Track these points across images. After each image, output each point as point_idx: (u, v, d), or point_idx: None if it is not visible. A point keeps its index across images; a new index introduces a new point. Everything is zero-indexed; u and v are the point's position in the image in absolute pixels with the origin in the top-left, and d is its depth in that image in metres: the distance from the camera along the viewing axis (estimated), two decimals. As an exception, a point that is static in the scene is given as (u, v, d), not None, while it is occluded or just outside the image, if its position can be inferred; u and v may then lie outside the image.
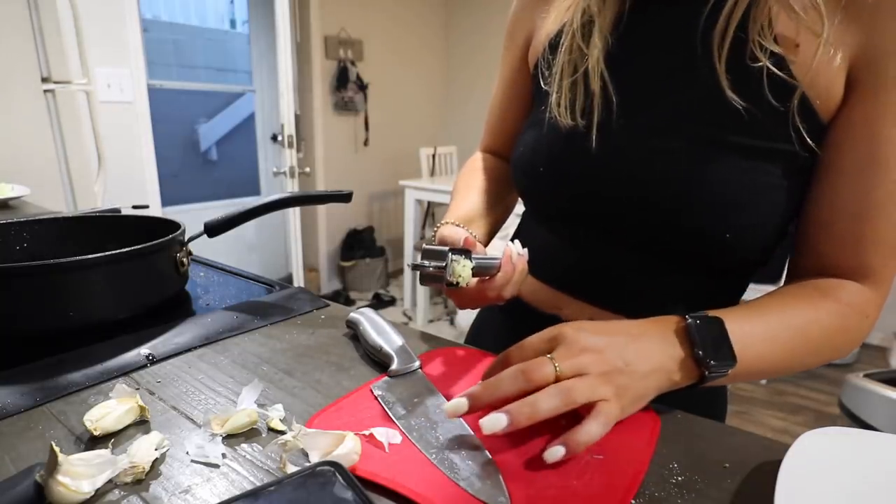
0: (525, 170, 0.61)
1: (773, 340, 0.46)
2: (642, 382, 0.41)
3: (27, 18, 1.55)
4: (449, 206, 0.67)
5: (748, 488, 0.36)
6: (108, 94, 2.25)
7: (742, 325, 0.45)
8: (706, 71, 0.48)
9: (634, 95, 0.53)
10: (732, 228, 0.49)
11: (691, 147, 0.49)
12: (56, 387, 0.46)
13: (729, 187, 0.48)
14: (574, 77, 0.55)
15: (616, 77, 0.53)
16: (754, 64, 0.46)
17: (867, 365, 2.77)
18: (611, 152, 0.53)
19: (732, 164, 0.48)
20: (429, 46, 4.09)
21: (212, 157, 3.86)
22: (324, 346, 0.56)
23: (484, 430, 0.37)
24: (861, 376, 1.70)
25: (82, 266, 0.53)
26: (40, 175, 1.62)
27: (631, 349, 0.42)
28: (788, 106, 0.46)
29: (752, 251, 0.51)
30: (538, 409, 0.37)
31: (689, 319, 0.44)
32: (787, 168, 0.48)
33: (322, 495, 0.31)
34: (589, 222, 0.57)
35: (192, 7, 3.76)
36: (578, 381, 0.39)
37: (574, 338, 0.41)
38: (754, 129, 0.47)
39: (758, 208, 0.49)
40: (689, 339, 0.43)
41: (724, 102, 0.47)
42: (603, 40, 0.54)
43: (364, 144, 3.75)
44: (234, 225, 0.67)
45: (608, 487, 0.35)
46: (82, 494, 0.32)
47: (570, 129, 0.55)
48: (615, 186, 0.53)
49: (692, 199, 0.49)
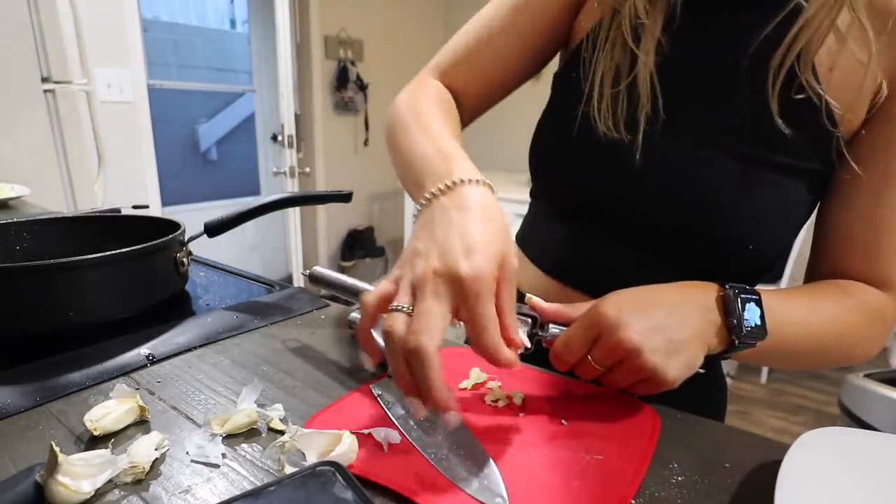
0: (552, 166, 0.58)
1: (804, 324, 0.48)
2: (686, 351, 0.43)
3: (27, 18, 1.55)
4: (428, 136, 0.49)
5: (748, 488, 0.36)
6: (108, 94, 2.24)
7: (776, 304, 0.47)
8: (758, 92, 0.48)
9: (682, 107, 0.51)
10: (756, 241, 0.51)
11: (736, 165, 0.49)
12: (56, 387, 0.46)
13: (767, 205, 0.50)
14: (619, 86, 0.51)
15: (666, 87, 0.50)
16: (798, 96, 0.47)
17: (867, 365, 2.76)
18: (653, 165, 0.51)
19: (774, 182, 0.49)
20: (429, 46, 4.09)
21: (212, 157, 3.86)
22: (324, 346, 0.56)
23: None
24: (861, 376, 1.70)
25: (82, 266, 0.53)
26: (40, 175, 1.62)
27: (672, 320, 0.43)
28: (827, 130, 0.47)
29: (768, 260, 0.53)
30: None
31: (728, 288, 0.45)
32: (812, 184, 0.51)
33: (322, 495, 0.31)
34: (612, 223, 0.56)
35: (192, 7, 3.76)
36: (623, 372, 0.43)
37: (613, 326, 0.42)
38: (797, 151, 0.49)
39: (785, 223, 0.51)
40: (726, 308, 0.45)
41: (771, 124, 0.48)
42: (655, 45, 0.50)
43: (364, 144, 3.75)
44: (234, 225, 0.67)
45: (608, 487, 0.35)
46: (82, 494, 0.32)
47: (610, 135, 0.53)
48: (653, 198, 0.52)
49: (732, 217, 0.50)
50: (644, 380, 0.43)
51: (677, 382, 0.43)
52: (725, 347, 0.45)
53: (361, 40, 3.55)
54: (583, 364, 0.44)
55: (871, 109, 0.48)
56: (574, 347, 0.44)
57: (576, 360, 0.44)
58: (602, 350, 0.42)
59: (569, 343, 0.44)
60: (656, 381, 0.42)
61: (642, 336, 0.41)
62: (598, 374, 0.44)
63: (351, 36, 3.47)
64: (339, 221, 3.72)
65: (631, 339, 0.41)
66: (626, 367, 0.42)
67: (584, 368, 0.44)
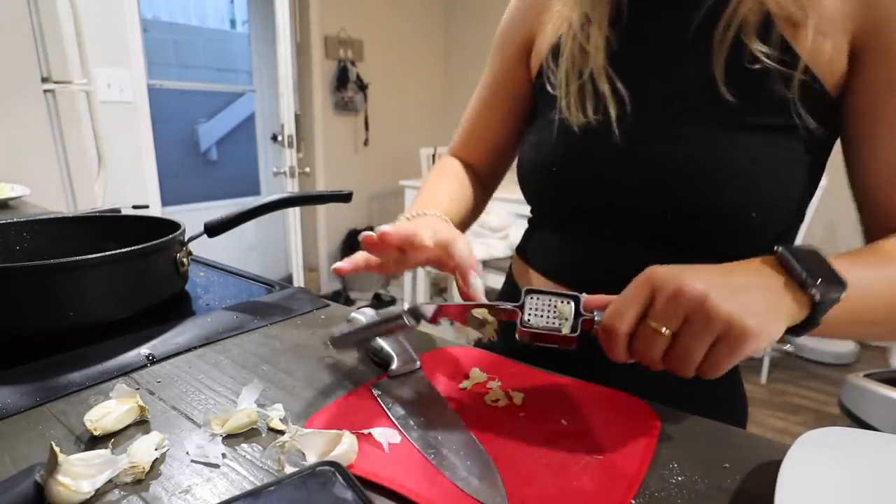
0: (536, 172, 0.61)
1: (879, 269, 0.43)
2: (756, 306, 0.36)
3: (27, 18, 1.55)
4: (418, 198, 0.64)
5: (748, 488, 0.36)
6: (108, 94, 2.25)
7: (840, 257, 0.41)
8: (706, 64, 0.50)
9: (645, 88, 0.54)
10: (756, 206, 0.50)
11: (710, 130, 0.51)
12: (56, 387, 0.46)
13: (750, 162, 0.50)
14: (581, 80, 0.56)
15: (622, 73, 0.54)
16: (752, 66, 0.48)
17: (867, 365, 2.76)
18: (632, 143, 0.54)
19: (750, 141, 0.50)
20: (429, 46, 4.09)
21: (212, 157, 3.86)
22: (324, 346, 0.56)
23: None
24: (861, 376, 1.70)
25: (82, 266, 0.53)
26: (40, 175, 1.62)
27: (733, 280, 0.37)
28: (791, 87, 0.48)
29: (774, 231, 0.52)
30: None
31: (779, 249, 0.39)
32: (807, 145, 0.50)
33: (322, 495, 0.31)
34: (606, 219, 0.57)
35: (192, 7, 3.76)
36: (692, 332, 0.36)
37: (669, 278, 0.37)
38: (768, 110, 0.49)
39: (779, 184, 0.50)
40: (787, 267, 0.38)
41: (743, 89, 0.49)
42: (604, 39, 0.55)
43: (364, 144, 3.75)
44: (234, 225, 0.67)
45: (608, 487, 0.35)
46: (82, 494, 0.32)
47: (585, 127, 0.56)
48: (639, 176, 0.53)
49: (717, 177, 0.50)
50: (721, 340, 0.35)
51: (761, 339, 0.35)
52: (809, 311, 0.38)
53: (361, 40, 3.55)
54: (641, 334, 0.37)
55: (854, 60, 0.48)
56: (626, 308, 0.37)
57: (629, 325, 0.37)
58: (661, 305, 0.36)
59: (618, 307, 0.38)
60: (735, 338, 0.35)
61: (706, 283, 0.35)
62: (661, 347, 0.37)
63: (351, 36, 3.48)
64: (339, 221, 3.72)
65: (693, 286, 0.35)
66: (694, 324, 0.35)
67: (644, 341, 0.37)
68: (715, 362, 0.36)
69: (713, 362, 0.36)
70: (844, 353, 2.75)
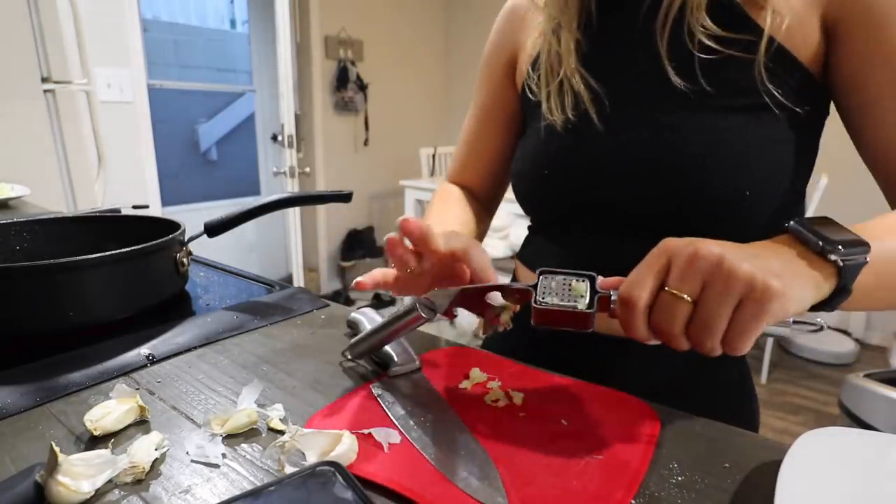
0: (528, 178, 0.62)
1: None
2: (777, 270, 0.34)
3: (27, 18, 1.55)
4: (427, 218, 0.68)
5: (748, 488, 0.36)
6: (108, 94, 2.25)
7: (857, 228, 0.39)
8: (654, 52, 0.53)
9: (615, 82, 0.56)
10: (749, 184, 0.50)
11: (692, 115, 0.52)
12: (56, 387, 0.46)
13: (736, 141, 0.50)
14: (558, 79, 0.59)
15: (593, 71, 0.57)
16: (707, 47, 0.50)
17: (867, 365, 2.76)
18: (615, 136, 0.55)
19: (731, 122, 0.51)
20: (429, 46, 4.09)
21: (212, 157, 3.86)
22: (324, 346, 0.56)
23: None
24: (861, 376, 1.70)
25: (82, 266, 0.53)
26: (40, 175, 1.62)
27: (749, 250, 0.36)
28: (756, 65, 0.50)
29: (770, 212, 0.52)
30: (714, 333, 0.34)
31: (789, 223, 0.38)
32: (791, 122, 0.51)
33: (322, 495, 0.31)
34: (601, 215, 0.57)
35: (192, 7, 3.76)
36: (714, 296, 0.34)
37: (685, 245, 0.35)
38: (738, 91, 0.51)
39: (768, 162, 0.51)
40: (802, 239, 0.37)
41: (703, 77, 0.51)
42: (574, 40, 0.58)
43: (364, 144, 3.75)
44: (234, 225, 0.67)
45: (608, 487, 0.35)
46: (82, 494, 0.32)
47: (568, 126, 0.58)
48: (627, 168, 0.54)
49: (705, 160, 0.51)
50: (744, 302, 0.33)
51: (785, 302, 0.33)
52: (837, 280, 0.36)
53: (361, 40, 3.55)
54: (661, 305, 0.35)
55: (830, 34, 0.49)
56: (643, 278, 0.36)
57: (649, 295, 0.36)
58: (679, 270, 0.35)
59: (636, 277, 0.36)
60: (758, 299, 0.33)
61: (721, 247, 0.34)
62: (683, 316, 0.35)
63: (351, 36, 3.48)
64: (339, 221, 3.72)
65: (710, 250, 0.34)
66: (715, 286, 0.34)
67: (664, 312, 0.35)
68: (741, 329, 0.34)
69: (739, 329, 0.34)
70: (844, 353, 2.75)
